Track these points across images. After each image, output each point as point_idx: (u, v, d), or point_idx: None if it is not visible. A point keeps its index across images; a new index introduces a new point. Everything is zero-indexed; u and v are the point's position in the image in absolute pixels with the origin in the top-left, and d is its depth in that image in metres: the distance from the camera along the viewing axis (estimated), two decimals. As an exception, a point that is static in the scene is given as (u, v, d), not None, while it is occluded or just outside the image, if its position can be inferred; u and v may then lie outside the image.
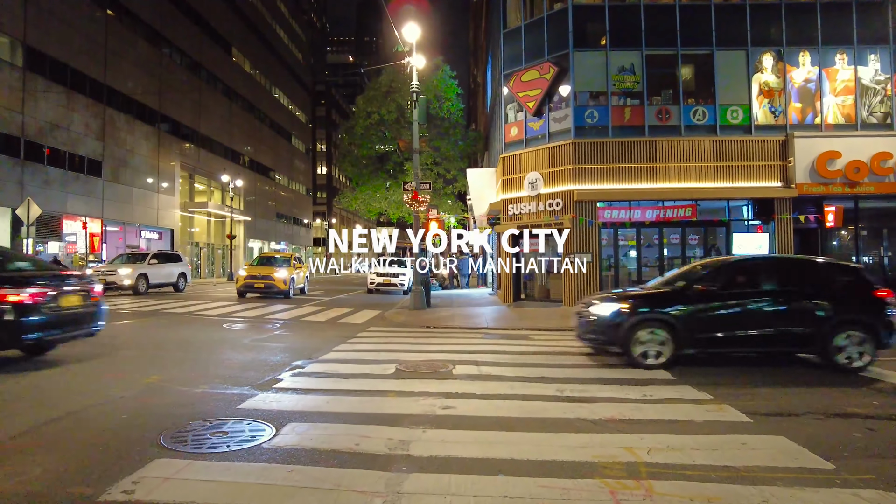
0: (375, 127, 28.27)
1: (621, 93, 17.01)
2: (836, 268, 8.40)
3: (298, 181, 68.53)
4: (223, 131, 45.80)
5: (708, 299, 7.67)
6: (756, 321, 7.55)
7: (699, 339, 7.50)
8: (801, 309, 7.62)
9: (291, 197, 65.44)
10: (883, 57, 17.08)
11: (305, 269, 22.99)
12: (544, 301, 18.06)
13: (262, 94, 55.17)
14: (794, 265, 8.59)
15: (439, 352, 8.70)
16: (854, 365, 7.42)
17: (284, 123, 62.27)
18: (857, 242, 17.21)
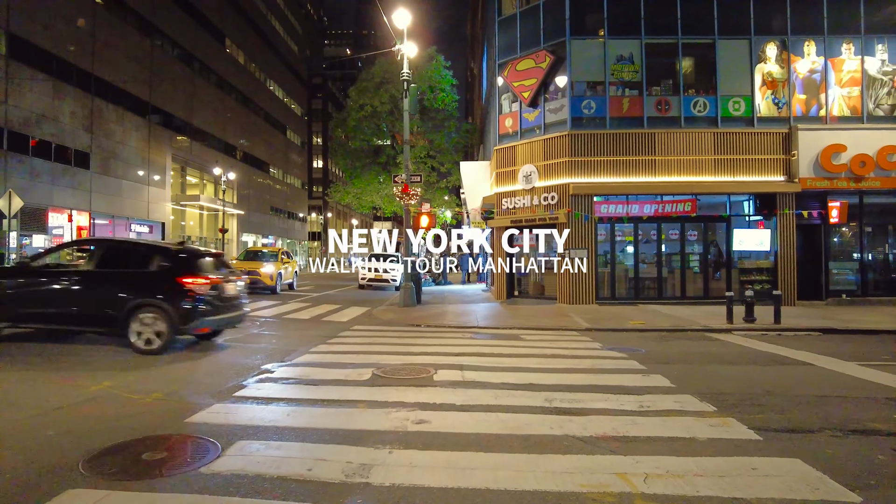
0: (369, 119, 27.64)
1: (619, 83, 16.41)
2: (153, 252, 8.24)
3: (294, 175, 67.83)
4: (216, 124, 45.09)
5: (30, 275, 8.28)
6: (61, 300, 7.92)
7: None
8: (103, 291, 7.92)
9: (286, 190, 64.77)
10: (891, 47, 16.50)
11: (294, 265, 22.44)
12: (539, 298, 17.52)
13: (256, 86, 54.42)
14: (111, 248, 8.59)
15: (423, 354, 8.15)
16: (151, 347, 7.65)
17: (279, 116, 61.53)
18: (861, 239, 16.66)
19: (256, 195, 54.50)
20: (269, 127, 58.06)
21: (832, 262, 16.50)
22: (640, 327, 11.95)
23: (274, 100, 59.98)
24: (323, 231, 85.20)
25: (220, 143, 45.96)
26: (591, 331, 11.54)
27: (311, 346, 8.65)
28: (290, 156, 66.60)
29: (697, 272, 16.63)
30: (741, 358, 8.48)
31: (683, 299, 16.14)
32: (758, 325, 12.00)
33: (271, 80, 58.86)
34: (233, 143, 48.74)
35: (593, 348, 9.18)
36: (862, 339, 10.86)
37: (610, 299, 16.23)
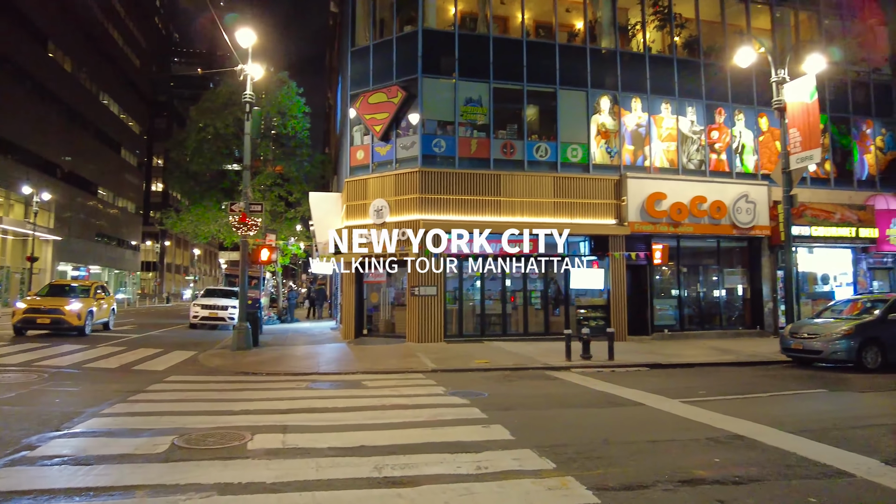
0: (211, 141, 25.53)
1: (469, 124, 16.74)
2: None
3: (127, 198, 61.25)
4: (32, 136, 39.23)
5: None
6: None
7: None
8: None
9: (117, 215, 58.15)
10: (698, 110, 18.76)
11: (111, 301, 19.61)
12: (389, 336, 16.94)
13: (86, 98, 48.64)
14: None
15: (244, 412, 7.11)
16: None
17: (113, 133, 55.49)
18: (678, 278, 18.43)
19: (80, 219, 48.12)
20: (99, 144, 51.98)
21: (656, 300, 18.01)
22: (485, 366, 11.84)
23: (108, 115, 54.02)
24: (159, 261, 77.65)
25: (36, 158, 40.02)
26: (437, 372, 11.16)
27: (105, 406, 7.19)
28: (124, 177, 60.17)
29: (539, 309, 17.20)
30: (579, 400, 8.55)
31: (526, 335, 16.54)
32: (594, 361, 12.46)
33: (106, 94, 53.02)
34: (53, 159, 42.75)
35: (436, 394, 8.75)
36: (682, 373, 11.70)
37: (458, 336, 16.14)
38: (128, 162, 60.92)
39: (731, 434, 6.31)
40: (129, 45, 59.38)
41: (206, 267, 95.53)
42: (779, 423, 6.85)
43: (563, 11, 18.48)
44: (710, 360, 13.40)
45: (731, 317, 19.03)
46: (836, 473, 4.99)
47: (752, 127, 19.25)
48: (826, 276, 20.05)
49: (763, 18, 20.26)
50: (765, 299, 18.64)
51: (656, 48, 19.08)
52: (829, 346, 11.99)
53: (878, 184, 20.78)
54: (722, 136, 18.88)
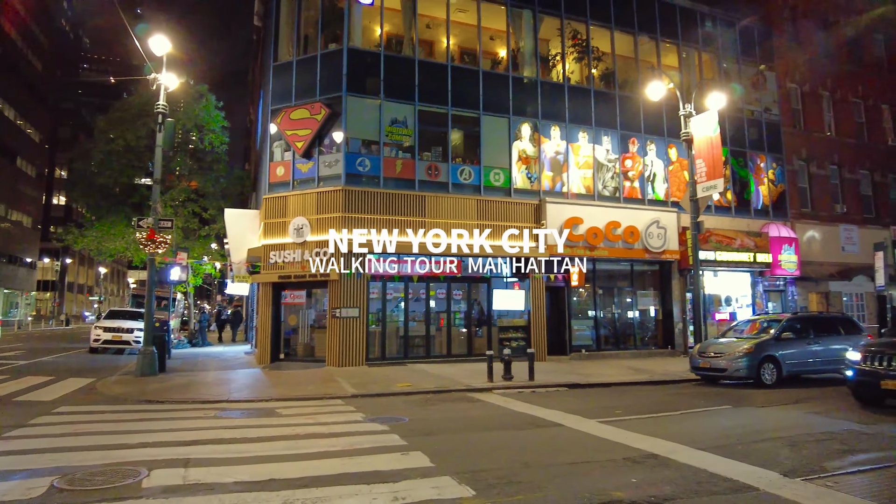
0: (121, 153, 24.00)
1: (394, 144, 16.68)
2: None
3: (23, 211, 56.46)
4: None
5: None
6: None
7: None
8: None
9: (9, 229, 53.38)
10: (613, 139, 19.67)
11: None
12: (307, 360, 16.33)
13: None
14: None
15: (142, 445, 6.52)
16: None
17: (9, 141, 51.18)
18: (594, 300, 19.05)
19: (-38, 233, 43.77)
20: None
21: (574, 321, 18.50)
22: (407, 390, 11.62)
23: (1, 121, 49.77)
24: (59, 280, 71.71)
25: None
26: (356, 398, 10.82)
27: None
28: (20, 188, 55.46)
29: (462, 330, 17.22)
30: (500, 422, 8.50)
31: (450, 357, 16.48)
32: (515, 382, 12.53)
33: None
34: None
35: (355, 421, 8.44)
36: (600, 393, 11.97)
37: (380, 359, 15.82)
38: (24, 172, 56.29)
39: (647, 453, 6.45)
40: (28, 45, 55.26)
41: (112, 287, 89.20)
42: (690, 440, 7.10)
43: (487, 39, 18.93)
44: (625, 379, 13.82)
45: (644, 337, 19.85)
46: (742, 488, 5.19)
47: (663, 157, 20.41)
48: (729, 298, 21.40)
49: (672, 57, 21.68)
50: (675, 320, 19.61)
51: (575, 79, 19.91)
52: (732, 364, 12.70)
53: (771, 213, 22.55)
54: (635, 165, 19.87)
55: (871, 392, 9.70)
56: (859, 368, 9.81)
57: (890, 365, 9.36)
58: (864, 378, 9.68)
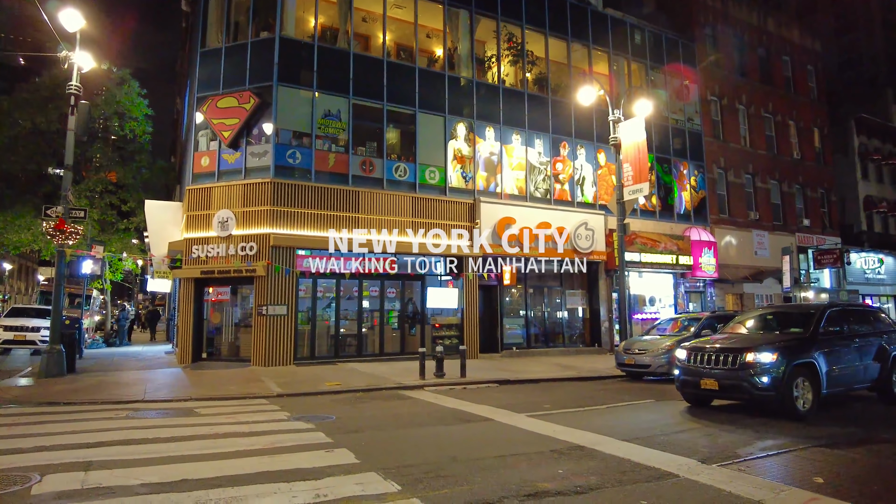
0: (29, 138, 22.19)
1: (327, 137, 16.28)
2: None
3: (-88, 200, 51.21)
4: None
5: None
6: None
7: None
8: None
9: None
10: (545, 142, 20.06)
11: None
12: (232, 360, 15.65)
13: None
14: None
15: (37, 449, 5.96)
16: None
17: None
18: (525, 298, 19.35)
19: None
20: None
21: (506, 319, 18.71)
22: (336, 389, 11.33)
23: None
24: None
25: None
26: (282, 397, 10.45)
27: None
28: None
29: (396, 329, 17.03)
30: (430, 418, 8.41)
31: (382, 356, 16.25)
32: (447, 379, 12.50)
33: None
34: None
35: (278, 419, 8.11)
36: (530, 389, 12.12)
37: (309, 359, 15.38)
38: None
39: (573, 445, 6.53)
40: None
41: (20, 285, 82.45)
42: (614, 432, 7.26)
43: (424, 37, 18.87)
44: (554, 375, 14.07)
45: (572, 335, 20.34)
46: (663, 475, 5.33)
47: (592, 161, 21.02)
48: (653, 298, 22.30)
49: (602, 64, 22.37)
50: (602, 319, 20.22)
51: (510, 82, 20.17)
52: (655, 360, 13.19)
53: (692, 218, 23.70)
54: (565, 168, 20.35)
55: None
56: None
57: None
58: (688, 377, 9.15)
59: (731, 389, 8.52)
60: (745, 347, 8.56)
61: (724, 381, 8.50)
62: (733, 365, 8.43)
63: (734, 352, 8.55)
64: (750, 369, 8.25)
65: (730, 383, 8.43)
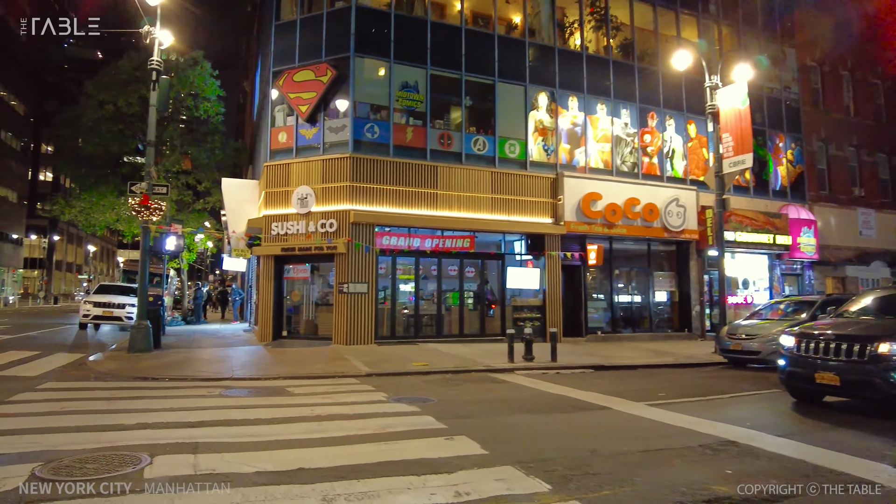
0: (110, 121, 22.73)
1: (404, 110, 15.64)
2: None
3: (8, 186, 54.69)
4: None
5: None
6: None
7: None
8: None
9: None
10: (632, 113, 18.72)
11: None
12: (311, 339, 15.42)
13: (-46, 69, 42.82)
14: None
15: (141, 426, 5.62)
16: None
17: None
18: (611, 280, 18.21)
19: (-56, 207, 42.24)
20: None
21: (588, 301, 17.67)
22: (424, 369, 10.78)
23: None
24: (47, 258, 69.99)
25: None
26: (372, 377, 9.97)
27: (-53, 423, 5.46)
28: (5, 162, 53.68)
29: (474, 310, 16.35)
30: (540, 404, 7.67)
31: (462, 337, 15.62)
32: (537, 363, 11.77)
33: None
34: None
35: (378, 401, 7.57)
36: (629, 375, 11.20)
37: (389, 338, 14.94)
38: (9, 146, 54.51)
39: (723, 440, 5.64)
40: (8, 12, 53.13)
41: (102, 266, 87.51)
42: (759, 425, 6.32)
43: (503, 2, 17.83)
44: (649, 361, 13.08)
45: (659, 319, 19.08)
46: (858, 482, 4.37)
47: (682, 133, 19.51)
48: (746, 281, 20.67)
49: (691, 30, 20.66)
50: (692, 303, 18.84)
51: (593, 48, 18.90)
52: (765, 346, 11.96)
53: (789, 194, 21.78)
54: (654, 140, 18.98)
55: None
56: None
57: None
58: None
59: (857, 387, 6.95)
60: (875, 336, 6.94)
61: (847, 375, 6.89)
62: (860, 357, 6.82)
63: (860, 341, 6.95)
64: (884, 363, 6.64)
65: (855, 379, 6.85)
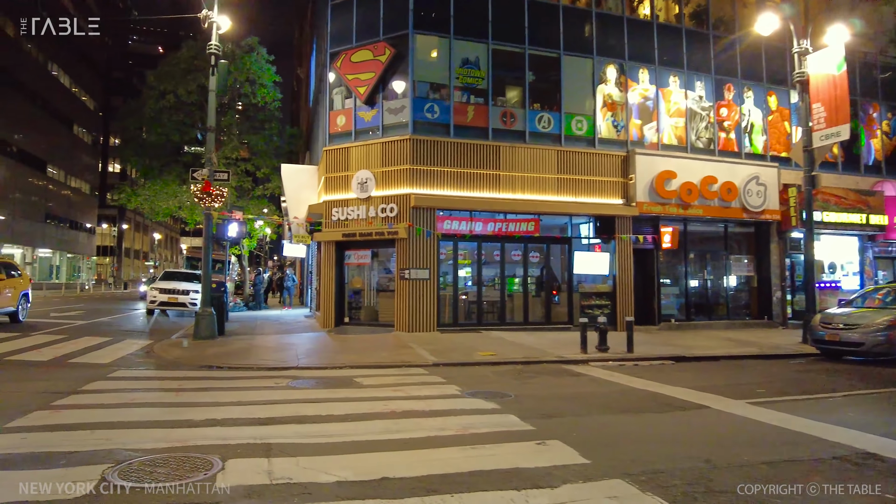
0: (171, 110, 23.12)
1: (465, 88, 14.98)
2: None
3: (81, 178, 57.31)
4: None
5: None
6: None
7: None
8: None
9: (69, 195, 54.34)
10: (707, 85, 17.41)
11: (20, 284, 14.80)
12: (373, 325, 15.16)
13: (32, 66, 44.85)
14: None
15: (209, 422, 5.30)
16: None
17: (65, 107, 51.62)
18: (685, 264, 17.11)
19: (26, 198, 44.57)
20: (48, 118, 48.22)
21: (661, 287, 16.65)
22: (492, 359, 10.25)
23: (58, 87, 50.14)
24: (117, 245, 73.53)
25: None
26: (439, 367, 9.51)
27: (16, 417, 5.29)
28: (78, 156, 56.23)
29: (538, 296, 15.66)
30: (627, 401, 6.99)
31: (526, 325, 14.99)
32: (611, 354, 11.05)
33: (55, 64, 49.13)
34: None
35: (452, 395, 7.07)
36: (714, 368, 10.33)
37: (451, 325, 14.47)
38: (81, 139, 56.99)
39: (860, 451, 4.82)
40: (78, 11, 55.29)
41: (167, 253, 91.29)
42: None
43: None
44: (732, 352, 12.09)
45: (736, 306, 17.83)
46: None
47: (762, 105, 18.03)
48: (833, 265, 19.04)
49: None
50: (773, 288, 17.50)
51: (664, 17, 17.65)
52: (870, 337, 10.78)
53: (883, 169, 19.90)
54: (731, 114, 17.61)
55: None
56: None
57: None
58: None
59: None
60: None
61: None
62: None
63: None
64: None
65: None
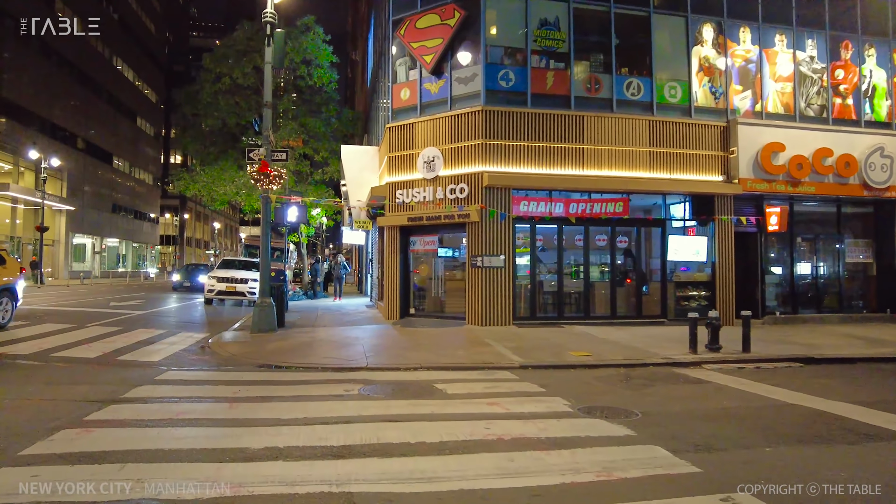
0: (227, 94, 22.49)
1: (543, 52, 13.36)
2: None
3: (145, 169, 58.72)
4: (39, 99, 36.65)
5: None
6: None
7: None
8: None
9: (134, 186, 55.72)
10: (819, 44, 15.13)
11: (8, 272, 11.08)
12: (441, 317, 13.88)
13: (98, 61, 45.77)
14: None
15: (269, 454, 4.08)
16: None
17: (129, 101, 52.74)
18: (792, 249, 14.98)
19: (94, 190, 45.77)
20: (114, 112, 49.35)
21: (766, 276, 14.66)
22: (588, 361, 8.77)
23: (122, 81, 51.19)
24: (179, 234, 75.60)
25: (45, 123, 37.56)
26: (528, 369, 8.13)
27: (40, 439, 4.24)
28: (141, 147, 57.57)
29: (626, 286, 13.98)
30: (790, 423, 5.39)
31: (614, 318, 13.35)
32: (725, 354, 9.41)
33: (119, 58, 50.14)
34: (62, 125, 40.18)
35: (562, 412, 5.65)
36: (856, 372, 8.64)
37: (529, 319, 13.01)
38: (144, 132, 58.27)
39: None
40: (142, 8, 56.29)
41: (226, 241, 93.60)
42: None
43: (654, -81, 14.88)
44: (866, 353, 10.21)
45: (852, 298, 15.59)
46: None
47: (886, 65, 15.56)
48: (968, 250, 16.42)
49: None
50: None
51: (766, -33, 15.43)
52: None
53: None
54: (848, 76, 15.25)
55: None
56: None
57: None
58: None
59: None
60: None
61: None
62: None
63: None
64: None
65: None
